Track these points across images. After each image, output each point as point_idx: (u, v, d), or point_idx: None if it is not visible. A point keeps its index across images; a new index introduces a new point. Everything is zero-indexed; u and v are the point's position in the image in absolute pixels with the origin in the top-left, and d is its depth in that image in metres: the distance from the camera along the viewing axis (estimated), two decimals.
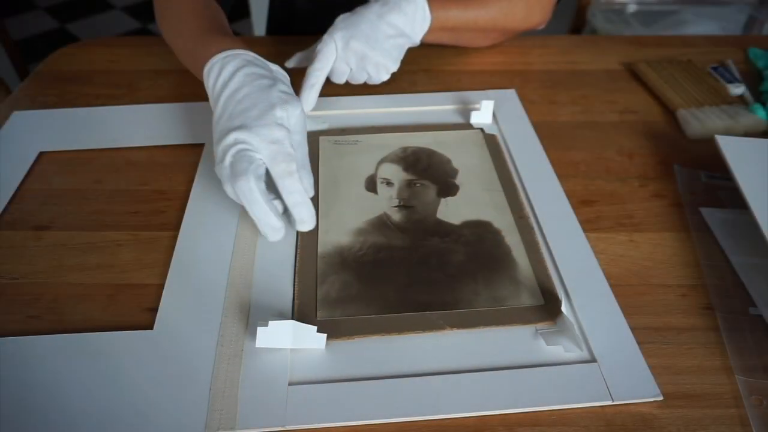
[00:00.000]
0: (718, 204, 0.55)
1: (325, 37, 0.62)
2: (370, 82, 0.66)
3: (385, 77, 0.65)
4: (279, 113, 0.48)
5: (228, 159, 0.47)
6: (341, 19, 0.64)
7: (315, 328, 0.41)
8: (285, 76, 0.55)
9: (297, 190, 0.47)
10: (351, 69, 0.64)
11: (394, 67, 0.65)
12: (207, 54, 0.53)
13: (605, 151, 0.63)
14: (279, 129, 0.47)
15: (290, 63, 0.69)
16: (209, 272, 0.48)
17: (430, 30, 0.68)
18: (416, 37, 0.67)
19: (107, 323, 0.44)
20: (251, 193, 0.45)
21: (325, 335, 0.42)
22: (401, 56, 0.66)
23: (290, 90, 0.53)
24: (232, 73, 0.51)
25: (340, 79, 0.65)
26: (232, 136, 0.47)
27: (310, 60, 0.63)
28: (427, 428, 0.38)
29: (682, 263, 0.50)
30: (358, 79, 0.65)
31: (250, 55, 0.53)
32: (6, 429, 0.37)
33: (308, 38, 0.84)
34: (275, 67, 0.54)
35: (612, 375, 0.41)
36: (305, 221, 0.49)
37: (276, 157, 0.47)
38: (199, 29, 0.58)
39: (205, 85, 0.53)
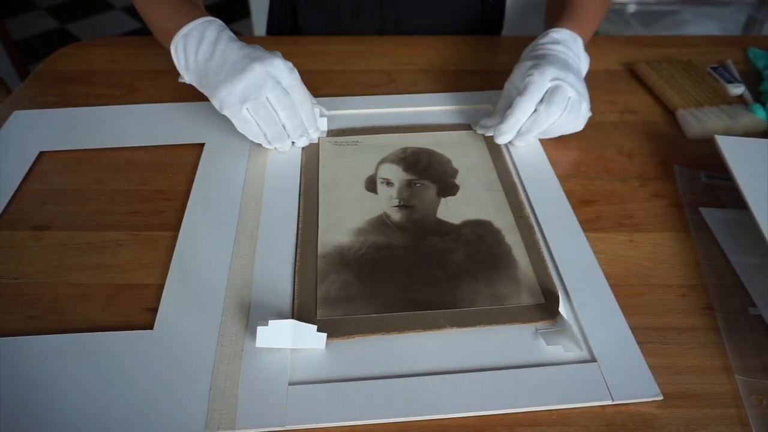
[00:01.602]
0: (718, 204, 0.55)
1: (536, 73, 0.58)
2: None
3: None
4: (268, 55, 0.56)
5: (254, 80, 0.54)
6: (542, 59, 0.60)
7: (315, 327, 0.41)
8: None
9: (309, 98, 0.59)
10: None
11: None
12: (175, 24, 0.57)
13: (605, 151, 0.63)
14: (272, 59, 0.55)
15: (481, 129, 0.64)
16: (209, 272, 0.48)
17: None
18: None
19: (107, 323, 0.44)
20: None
21: (325, 335, 0.42)
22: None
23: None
24: (215, 39, 0.56)
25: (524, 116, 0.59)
26: (247, 78, 0.54)
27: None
28: (426, 428, 0.38)
29: (682, 263, 0.50)
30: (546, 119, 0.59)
31: (221, 22, 0.58)
32: (6, 429, 0.37)
33: (308, 38, 0.84)
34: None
35: (612, 375, 0.41)
36: (321, 130, 0.62)
37: (294, 85, 0.56)
38: (168, 2, 0.61)
39: (183, 49, 0.57)
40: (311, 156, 0.61)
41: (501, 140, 0.61)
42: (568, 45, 0.62)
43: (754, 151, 0.56)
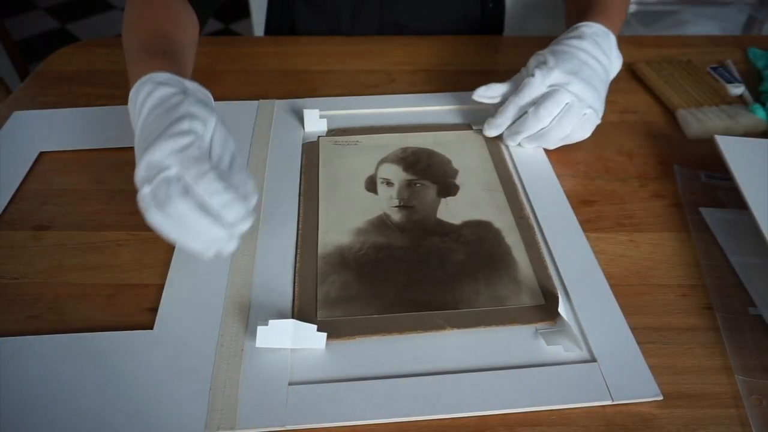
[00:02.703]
0: (718, 204, 0.55)
1: (538, 73, 0.57)
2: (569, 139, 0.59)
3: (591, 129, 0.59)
4: (185, 125, 0.43)
5: (145, 188, 0.41)
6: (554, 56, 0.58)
7: (315, 327, 0.41)
8: (202, 91, 0.49)
9: (217, 189, 0.41)
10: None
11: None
12: (131, 82, 0.49)
13: (605, 151, 0.63)
14: (183, 137, 0.42)
15: (478, 95, 0.62)
16: (209, 272, 0.48)
17: None
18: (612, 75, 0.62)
19: (107, 323, 0.44)
20: (184, 215, 0.40)
21: (325, 334, 0.42)
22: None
23: (205, 100, 0.47)
24: (143, 101, 0.47)
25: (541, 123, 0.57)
26: (143, 163, 0.42)
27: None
28: (427, 428, 0.38)
29: (682, 263, 0.50)
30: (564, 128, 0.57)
31: (162, 76, 0.47)
32: (6, 429, 0.37)
33: (308, 38, 0.84)
34: (192, 85, 0.48)
35: (612, 375, 0.41)
36: (240, 220, 0.42)
37: (185, 164, 0.41)
38: (139, 46, 0.53)
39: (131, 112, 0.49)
40: (311, 156, 0.61)
41: (487, 133, 0.61)
42: (597, 41, 0.58)
43: (754, 151, 0.56)
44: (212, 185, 0.41)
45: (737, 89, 0.71)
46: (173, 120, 0.43)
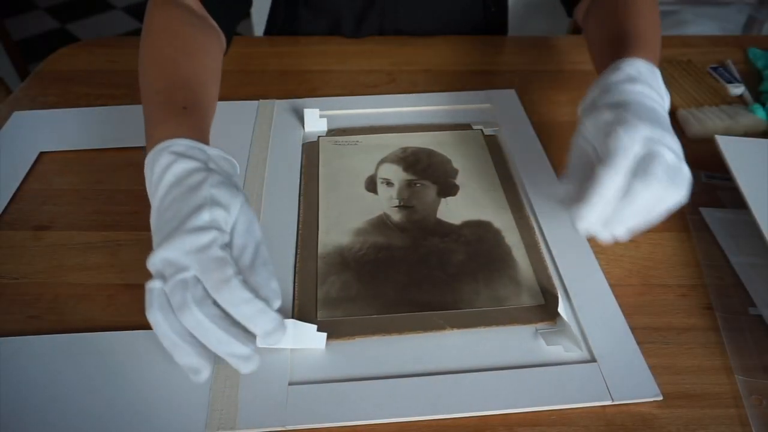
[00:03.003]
0: (718, 204, 0.55)
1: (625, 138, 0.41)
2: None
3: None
4: (205, 216, 0.38)
5: (156, 283, 0.37)
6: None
7: (315, 327, 0.41)
8: (226, 159, 0.45)
9: (242, 299, 0.36)
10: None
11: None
12: (148, 144, 0.45)
13: None
14: (203, 233, 0.37)
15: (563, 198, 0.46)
16: None
17: None
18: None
19: (107, 323, 0.44)
20: (201, 325, 0.36)
21: (325, 334, 0.42)
22: None
23: (228, 179, 0.42)
24: (160, 174, 0.41)
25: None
26: (157, 256, 0.38)
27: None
28: (427, 428, 0.38)
29: (682, 263, 0.50)
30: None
31: (182, 144, 0.43)
32: (6, 429, 0.37)
33: (308, 38, 0.84)
34: (215, 152, 0.44)
35: (612, 375, 0.41)
36: (269, 333, 0.37)
37: (206, 268, 0.37)
38: (156, 95, 0.49)
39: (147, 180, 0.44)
40: (311, 156, 0.61)
41: (582, 226, 0.42)
42: (648, 82, 0.47)
43: (754, 151, 0.56)
44: (236, 294, 0.36)
45: (737, 89, 0.71)
46: (193, 209, 0.39)
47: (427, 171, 0.59)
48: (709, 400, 0.40)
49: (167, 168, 0.41)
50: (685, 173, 0.42)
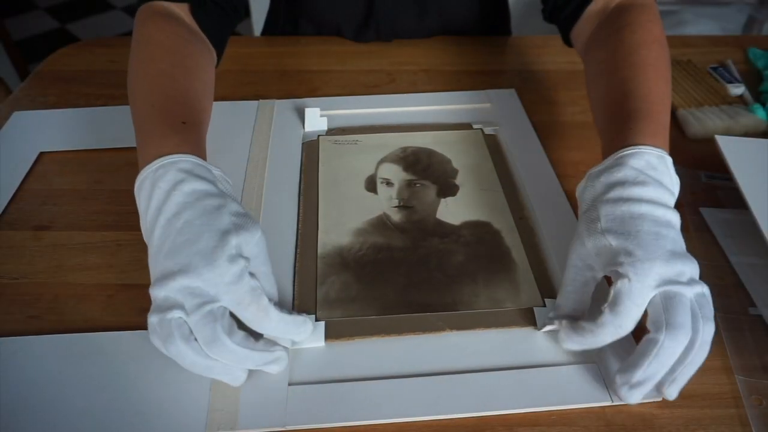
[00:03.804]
0: (718, 204, 0.55)
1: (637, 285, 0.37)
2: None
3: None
4: (234, 242, 0.38)
5: (175, 313, 0.36)
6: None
7: (313, 316, 0.42)
8: (229, 184, 0.44)
9: (283, 320, 0.40)
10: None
11: None
12: (144, 157, 0.43)
13: None
14: (234, 264, 0.37)
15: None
16: None
17: None
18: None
19: (107, 323, 0.44)
20: (235, 354, 0.37)
21: (323, 323, 0.43)
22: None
23: (243, 208, 0.41)
24: (167, 192, 0.39)
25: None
26: (178, 283, 0.36)
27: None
28: (427, 429, 0.38)
29: None
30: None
31: (188, 161, 0.41)
32: (6, 429, 0.37)
33: (308, 38, 0.84)
34: (218, 172, 0.43)
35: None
36: (307, 338, 0.42)
37: (242, 300, 0.37)
38: (151, 110, 0.47)
39: (137, 202, 0.42)
40: (311, 155, 0.61)
41: (570, 348, 0.41)
42: (658, 176, 0.41)
43: (754, 151, 0.56)
44: (274, 321, 0.39)
45: (737, 89, 0.71)
46: (218, 236, 0.38)
47: (427, 171, 0.59)
48: (709, 400, 0.40)
49: (176, 185, 0.39)
50: (708, 316, 0.38)
